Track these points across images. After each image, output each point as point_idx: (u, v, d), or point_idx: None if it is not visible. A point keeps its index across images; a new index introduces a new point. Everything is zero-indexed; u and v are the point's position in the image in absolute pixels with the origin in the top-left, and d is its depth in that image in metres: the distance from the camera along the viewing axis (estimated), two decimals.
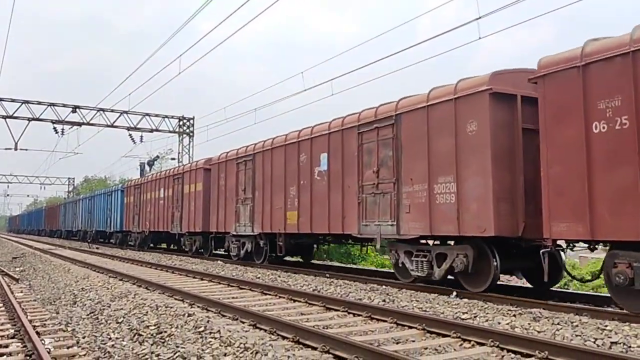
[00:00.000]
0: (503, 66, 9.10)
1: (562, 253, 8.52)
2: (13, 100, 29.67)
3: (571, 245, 7.94)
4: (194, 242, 20.53)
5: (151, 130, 33.37)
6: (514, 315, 7.10)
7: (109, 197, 32.14)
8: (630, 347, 5.32)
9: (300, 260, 17.39)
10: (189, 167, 21.06)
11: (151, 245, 27.12)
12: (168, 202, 22.52)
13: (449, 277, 9.71)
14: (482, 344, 5.50)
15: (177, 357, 5.15)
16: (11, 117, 29.62)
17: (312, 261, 17.71)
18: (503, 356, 5.14)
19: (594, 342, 5.48)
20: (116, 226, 30.04)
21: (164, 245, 28.18)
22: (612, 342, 5.45)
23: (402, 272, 10.59)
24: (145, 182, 26.28)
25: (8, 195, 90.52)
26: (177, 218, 21.34)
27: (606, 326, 6.16)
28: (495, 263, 8.79)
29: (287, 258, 16.83)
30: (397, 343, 5.74)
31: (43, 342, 5.81)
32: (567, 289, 12.43)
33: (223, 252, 19.02)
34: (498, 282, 9.31)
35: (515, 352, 5.16)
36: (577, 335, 5.72)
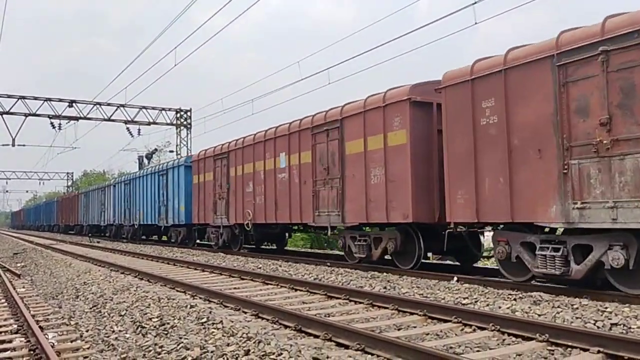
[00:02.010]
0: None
1: None
2: (9, 96, 29.57)
3: None
4: (370, 242, 11.42)
5: (148, 123, 33.30)
6: (515, 300, 7.14)
7: (162, 177, 23.11)
8: (630, 328, 5.36)
9: None
10: (357, 107, 11.59)
11: (244, 244, 17.57)
12: (300, 174, 13.48)
13: None
14: (483, 329, 5.53)
15: (180, 348, 5.18)
16: (8, 113, 29.52)
17: None
18: (504, 340, 5.18)
19: (594, 324, 5.51)
20: (177, 218, 21.38)
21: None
22: (612, 324, 5.49)
23: None
24: (237, 149, 16.80)
25: (7, 191, 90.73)
26: (330, 201, 12.33)
27: (606, 308, 6.20)
28: None
29: None
30: (399, 329, 5.78)
31: (46, 336, 5.84)
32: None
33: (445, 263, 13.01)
34: None
35: (516, 336, 5.20)
36: (577, 318, 5.76)
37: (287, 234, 18.33)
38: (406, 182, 10.24)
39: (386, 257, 11.27)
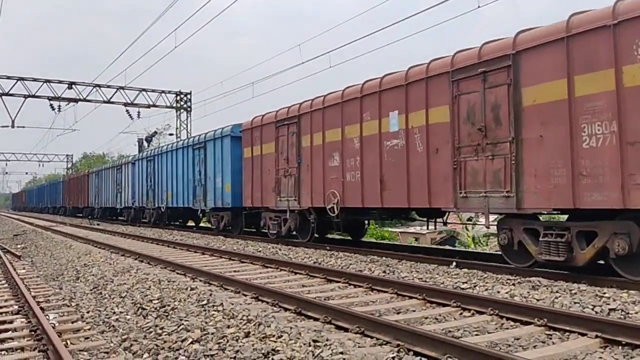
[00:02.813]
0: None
1: None
2: (8, 78, 29.40)
3: None
4: (571, 238, 7.40)
5: (148, 106, 33.19)
6: (513, 284, 7.17)
7: (199, 151, 19.17)
8: (628, 313, 5.39)
9: None
10: (550, 33, 7.62)
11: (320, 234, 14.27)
12: (428, 140, 9.64)
13: None
14: (481, 313, 5.57)
15: (180, 329, 5.21)
16: (7, 94, 29.38)
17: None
18: (502, 324, 5.22)
19: (592, 309, 5.54)
20: (219, 200, 17.44)
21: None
22: (610, 309, 5.52)
23: None
24: (315, 110, 12.99)
25: (7, 173, 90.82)
26: (489, 177, 8.48)
27: (604, 293, 6.22)
28: None
29: None
30: (398, 313, 5.81)
31: (47, 317, 5.87)
32: None
33: None
34: None
35: (514, 320, 5.24)
36: (575, 303, 5.79)
37: (366, 221, 14.72)
38: None
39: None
